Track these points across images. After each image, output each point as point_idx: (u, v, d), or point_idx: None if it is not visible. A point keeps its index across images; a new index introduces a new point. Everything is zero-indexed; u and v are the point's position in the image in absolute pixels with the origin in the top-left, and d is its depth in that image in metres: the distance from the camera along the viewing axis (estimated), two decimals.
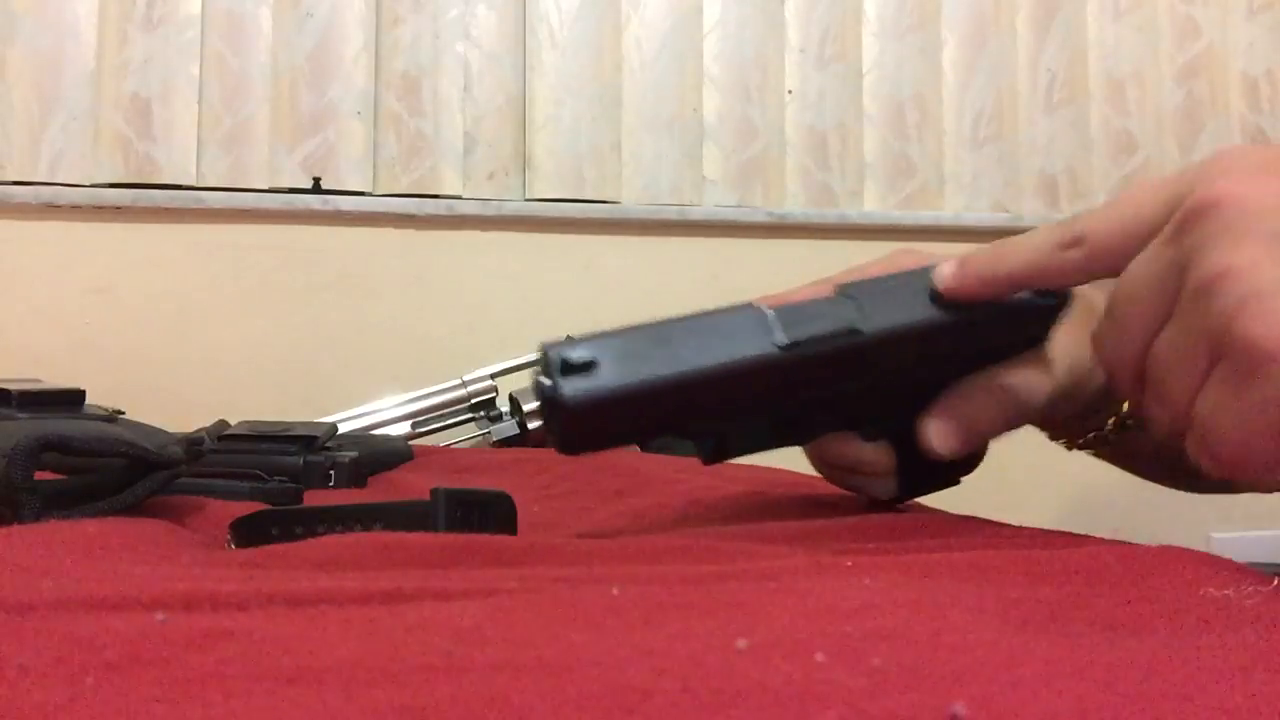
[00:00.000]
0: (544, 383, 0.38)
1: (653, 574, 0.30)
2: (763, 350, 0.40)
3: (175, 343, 1.48)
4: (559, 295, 1.55)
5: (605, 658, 0.21)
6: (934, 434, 0.43)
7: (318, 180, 1.50)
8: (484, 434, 1.13)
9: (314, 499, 0.58)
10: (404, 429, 1.13)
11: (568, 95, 1.55)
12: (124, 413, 0.88)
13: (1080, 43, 1.67)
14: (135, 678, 0.20)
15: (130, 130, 1.46)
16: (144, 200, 1.46)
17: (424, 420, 1.15)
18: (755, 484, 0.58)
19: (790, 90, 1.61)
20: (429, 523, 0.42)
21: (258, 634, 0.22)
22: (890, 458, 0.45)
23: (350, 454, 0.69)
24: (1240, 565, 0.30)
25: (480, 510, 0.44)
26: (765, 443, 0.45)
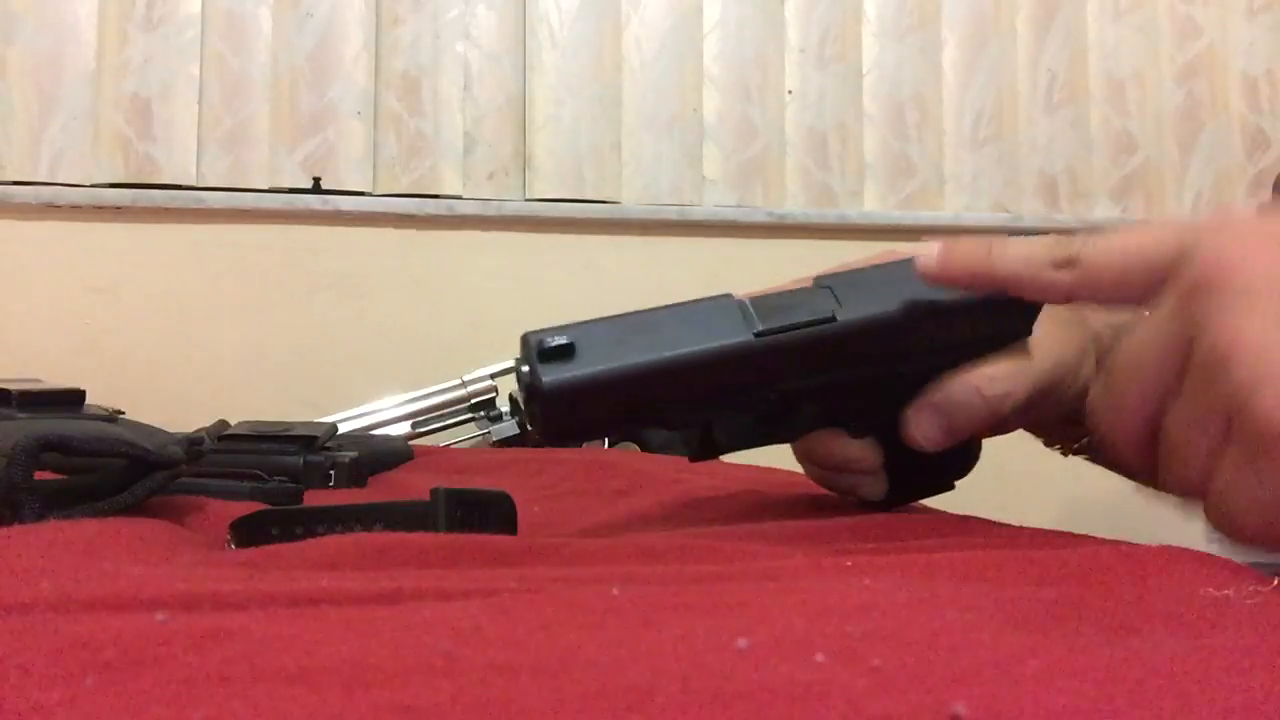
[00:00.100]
0: (523, 370, 0.39)
1: (653, 574, 0.30)
2: (738, 338, 0.40)
3: (175, 343, 1.48)
4: (559, 295, 1.55)
5: (605, 658, 0.21)
6: (916, 426, 0.43)
7: (318, 180, 1.51)
8: (484, 434, 1.13)
9: (314, 499, 0.58)
10: (404, 429, 1.13)
11: (568, 95, 1.55)
12: (124, 413, 0.88)
13: (1080, 43, 1.67)
14: (135, 678, 0.20)
15: (130, 130, 1.46)
16: (144, 200, 1.47)
17: (424, 420, 1.15)
18: (755, 484, 0.58)
19: (790, 90, 1.61)
20: (429, 523, 0.42)
21: (258, 634, 0.22)
22: (878, 455, 0.45)
23: (350, 454, 0.69)
24: (1240, 565, 0.30)
25: (480, 510, 0.44)
26: (751, 438, 0.45)
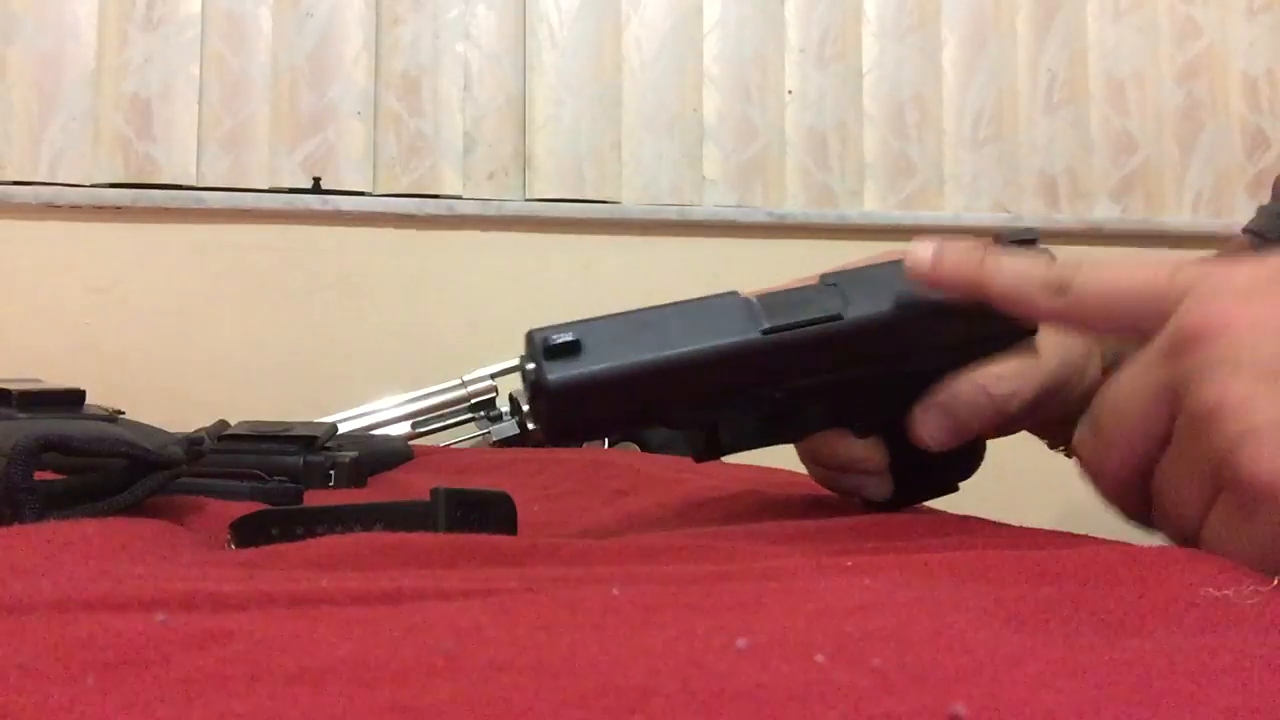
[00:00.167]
0: (529, 367, 0.39)
1: (653, 574, 0.30)
2: (746, 335, 0.40)
3: (175, 343, 1.48)
4: (559, 295, 1.55)
5: (605, 658, 0.21)
6: (922, 426, 0.43)
7: (318, 180, 1.50)
8: (484, 434, 1.13)
9: (314, 499, 0.58)
10: (404, 429, 1.13)
11: (568, 95, 1.55)
12: (124, 413, 0.88)
13: (1080, 43, 1.67)
14: (135, 678, 0.20)
15: (130, 130, 1.46)
16: (144, 200, 1.46)
17: (424, 420, 1.15)
18: (755, 484, 0.58)
19: (790, 90, 1.61)
20: (429, 523, 0.42)
21: (258, 634, 0.22)
22: (883, 455, 0.45)
23: (350, 454, 0.69)
24: (1240, 565, 0.30)
25: (480, 510, 0.44)
26: (756, 438, 0.44)
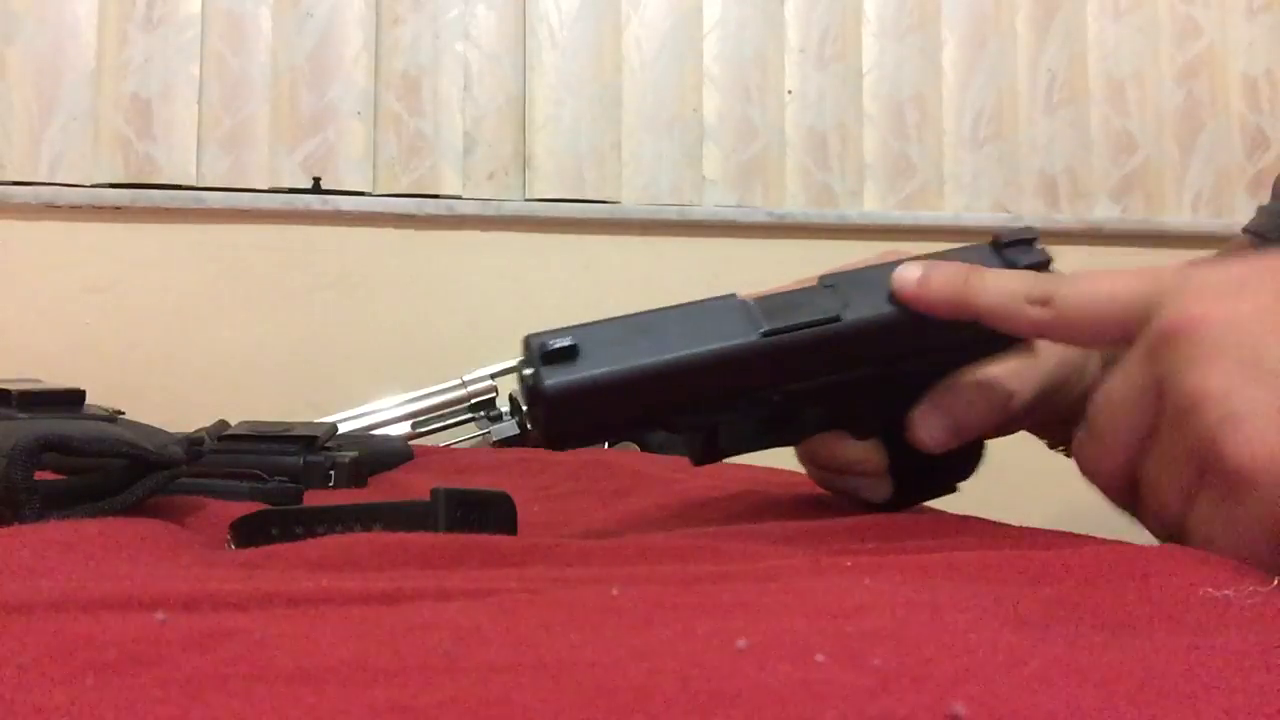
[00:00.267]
0: (526, 372, 0.38)
1: (653, 574, 0.30)
2: (745, 338, 0.40)
3: (175, 343, 1.48)
4: (559, 295, 1.55)
5: (605, 658, 0.21)
6: (921, 427, 0.43)
7: (318, 180, 1.50)
8: (484, 434, 1.13)
9: (314, 499, 0.58)
10: (404, 429, 1.13)
11: (568, 95, 1.55)
12: (124, 413, 0.88)
13: (1080, 43, 1.67)
14: (135, 678, 0.20)
15: (130, 130, 1.46)
16: (144, 200, 1.46)
17: (424, 420, 1.15)
18: (755, 484, 0.58)
19: (790, 90, 1.61)
20: (429, 523, 0.41)
21: (258, 634, 0.22)
22: (882, 457, 0.45)
23: (350, 454, 0.69)
24: (1240, 565, 0.30)
25: (480, 510, 0.44)
26: (754, 441, 0.44)
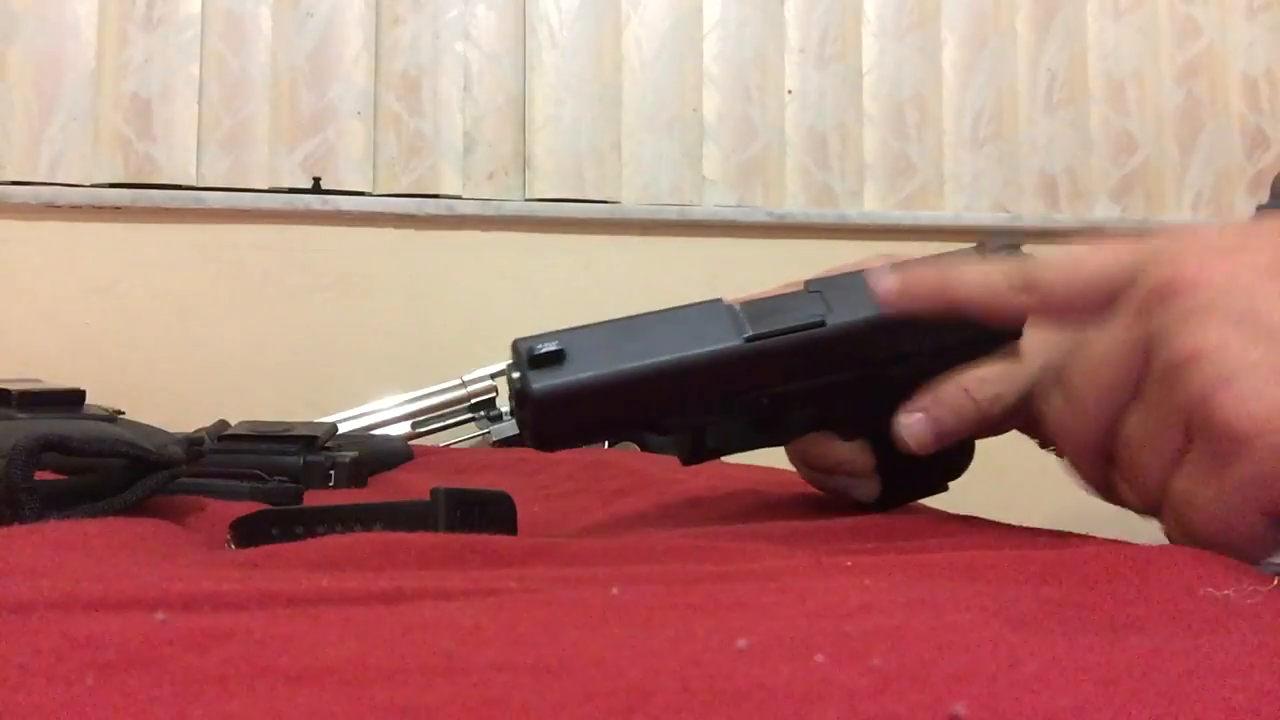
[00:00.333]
0: (514, 376, 0.39)
1: (653, 574, 0.30)
2: (729, 342, 0.40)
3: (175, 343, 1.48)
4: (559, 295, 1.55)
5: (605, 658, 0.21)
6: (906, 430, 0.43)
7: (318, 180, 1.50)
8: (484, 434, 1.13)
9: (314, 499, 0.58)
10: (404, 429, 1.13)
11: (568, 95, 1.55)
12: (124, 413, 0.88)
13: (1080, 43, 1.67)
14: (135, 678, 0.20)
15: (130, 130, 1.46)
16: (144, 200, 1.46)
17: (424, 420, 1.15)
18: (754, 484, 0.58)
19: (790, 90, 1.61)
20: (429, 523, 0.41)
21: (258, 634, 0.22)
22: (870, 457, 0.45)
23: (350, 454, 0.69)
24: (1240, 565, 0.30)
25: (480, 510, 0.44)
26: (743, 442, 0.45)
